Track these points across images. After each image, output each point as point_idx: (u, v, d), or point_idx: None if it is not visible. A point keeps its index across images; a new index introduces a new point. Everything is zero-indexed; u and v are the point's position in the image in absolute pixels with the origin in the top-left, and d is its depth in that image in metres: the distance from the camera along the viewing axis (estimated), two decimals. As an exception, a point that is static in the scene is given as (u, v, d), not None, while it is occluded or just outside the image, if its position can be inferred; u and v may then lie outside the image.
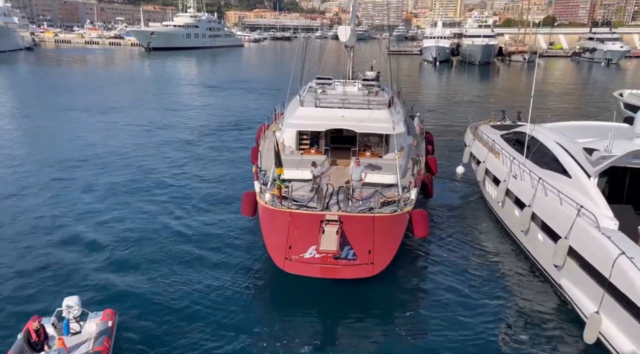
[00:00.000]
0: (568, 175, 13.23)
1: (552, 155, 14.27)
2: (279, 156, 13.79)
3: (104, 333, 9.73)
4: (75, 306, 9.98)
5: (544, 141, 15.05)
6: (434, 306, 12.45)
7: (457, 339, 11.22)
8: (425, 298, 12.94)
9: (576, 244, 11.52)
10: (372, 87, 21.87)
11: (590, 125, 16.11)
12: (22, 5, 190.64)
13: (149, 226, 16.64)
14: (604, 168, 12.05)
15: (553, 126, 16.35)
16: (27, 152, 25.67)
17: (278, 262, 12.80)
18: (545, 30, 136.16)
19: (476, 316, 12.05)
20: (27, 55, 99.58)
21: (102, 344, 9.40)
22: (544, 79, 75.29)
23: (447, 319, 11.88)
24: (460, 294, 12.95)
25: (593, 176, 12.39)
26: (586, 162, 12.66)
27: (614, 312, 10.06)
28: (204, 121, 35.14)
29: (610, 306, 10.13)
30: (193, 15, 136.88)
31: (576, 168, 12.98)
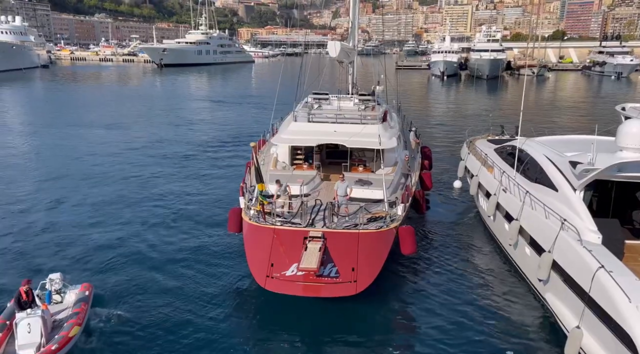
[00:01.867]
0: (555, 188, 13.16)
1: (541, 168, 14.23)
2: (259, 172, 13.88)
3: (81, 300, 11.56)
4: (56, 280, 11.87)
5: (534, 154, 15.02)
6: (417, 324, 12.30)
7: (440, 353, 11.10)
8: (410, 315, 12.75)
9: (559, 258, 11.42)
10: (369, 102, 22.05)
11: (581, 139, 16.03)
12: (41, 24, 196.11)
13: (132, 236, 17.11)
14: (588, 181, 11.98)
15: (544, 140, 16.32)
16: (29, 164, 26.76)
17: (259, 280, 12.40)
18: (555, 44, 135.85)
19: (461, 331, 11.89)
20: (42, 72, 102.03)
21: (80, 308, 11.23)
22: (554, 93, 75.08)
23: (430, 336, 11.70)
24: (445, 310, 12.74)
25: (578, 189, 12.32)
26: (572, 175, 12.61)
27: (594, 327, 9.93)
28: (205, 136, 35.58)
29: (591, 321, 10.00)
30: (204, 32, 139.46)
31: (562, 181, 12.92)
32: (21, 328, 10.00)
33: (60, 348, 9.93)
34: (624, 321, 8.96)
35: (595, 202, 13.24)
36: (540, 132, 19.58)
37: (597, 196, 13.16)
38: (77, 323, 10.67)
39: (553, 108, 53.80)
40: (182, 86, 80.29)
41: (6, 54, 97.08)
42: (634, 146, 11.51)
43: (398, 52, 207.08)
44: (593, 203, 13.28)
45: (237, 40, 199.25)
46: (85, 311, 11.26)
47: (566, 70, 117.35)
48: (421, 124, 40.47)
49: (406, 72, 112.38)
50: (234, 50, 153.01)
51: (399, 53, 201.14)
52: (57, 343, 9.95)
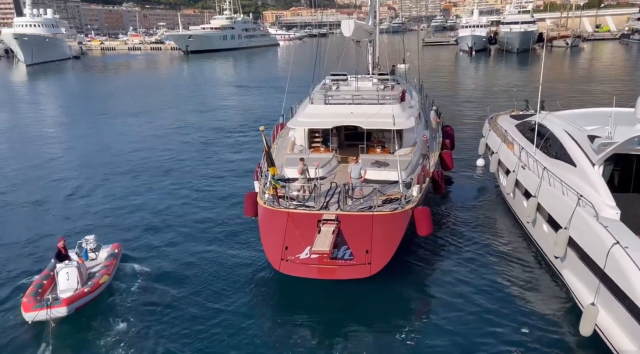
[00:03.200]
0: (574, 164, 12.82)
1: (560, 144, 13.85)
2: (270, 156, 13.86)
3: (111, 256, 13.69)
4: (91, 240, 14.10)
5: (553, 129, 14.62)
6: (433, 304, 12.30)
7: (455, 331, 11.08)
8: (425, 295, 12.71)
9: (575, 235, 11.19)
10: (387, 82, 21.72)
11: (602, 111, 15.40)
12: (72, 16, 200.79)
13: (157, 211, 18.65)
14: (606, 156, 11.61)
15: (565, 114, 15.83)
16: (65, 149, 28.72)
17: (274, 263, 12.58)
18: (591, 12, 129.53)
19: (476, 310, 11.82)
20: (74, 63, 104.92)
21: (110, 262, 13.36)
22: (588, 64, 72.01)
23: (445, 315, 11.67)
24: (461, 290, 12.70)
25: (597, 164, 11.96)
26: (590, 150, 12.24)
27: (609, 304, 9.75)
28: (229, 121, 36.09)
29: (606, 298, 9.82)
30: (229, 17, 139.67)
31: (581, 157, 12.56)
32: (61, 276, 12.21)
33: (92, 291, 12.05)
34: (637, 297, 8.77)
35: (616, 177, 12.83)
36: (567, 107, 18.97)
37: (618, 171, 12.74)
38: (107, 273, 12.86)
39: (587, 81, 51.68)
40: (208, 72, 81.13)
41: (39, 47, 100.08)
42: (654, 118, 11.05)
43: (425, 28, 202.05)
44: (614, 178, 12.87)
45: (262, 24, 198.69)
46: (114, 265, 13.38)
47: (603, 40, 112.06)
48: (447, 102, 39.76)
49: (434, 49, 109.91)
50: (259, 34, 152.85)
51: (427, 29, 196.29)
52: (89, 287, 12.09)
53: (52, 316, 11.13)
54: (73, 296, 11.66)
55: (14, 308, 12.07)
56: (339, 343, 10.80)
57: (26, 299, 11.51)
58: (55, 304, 11.25)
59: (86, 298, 11.84)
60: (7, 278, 13.80)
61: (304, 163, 14.99)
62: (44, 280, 12.43)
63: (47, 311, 11.10)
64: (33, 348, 10.81)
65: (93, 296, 12.07)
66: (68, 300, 11.45)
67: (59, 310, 11.23)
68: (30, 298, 11.54)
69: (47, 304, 11.17)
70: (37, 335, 11.16)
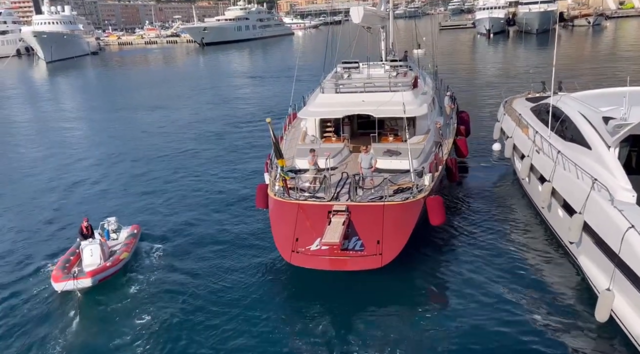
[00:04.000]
0: (589, 147, 12.51)
1: (574, 126, 13.52)
2: (278, 148, 13.77)
3: (131, 236, 14.90)
4: (112, 221, 15.27)
5: (568, 111, 14.26)
6: (446, 292, 12.20)
7: (469, 319, 11.00)
8: (438, 284, 12.57)
9: (590, 219, 10.96)
10: (400, 68, 21.39)
11: (618, 91, 14.91)
12: (89, 12, 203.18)
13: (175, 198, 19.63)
14: (622, 137, 11.29)
15: (580, 95, 15.41)
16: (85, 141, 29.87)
17: (285, 255, 12.58)
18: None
19: (490, 298, 11.68)
20: (92, 59, 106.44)
21: (130, 240, 14.59)
22: (612, 43, 69.77)
23: (459, 304, 11.57)
24: (476, 277, 12.54)
25: (612, 146, 11.64)
26: (605, 132, 11.92)
27: (624, 289, 9.56)
28: (244, 112, 36.28)
29: (621, 283, 9.62)
30: (243, 8, 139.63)
31: (596, 139, 12.25)
32: (85, 252, 13.48)
33: (113, 266, 13.29)
34: (653, 282, 8.58)
35: (634, 158, 12.48)
36: (586, 88, 18.46)
37: (635, 152, 12.39)
38: (127, 250, 14.05)
39: (609, 60, 50.00)
40: (223, 64, 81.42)
41: (58, 44, 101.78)
42: (671, 97, 10.67)
43: (443, 12, 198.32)
44: (632, 160, 12.53)
45: (276, 13, 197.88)
46: (134, 244, 14.59)
47: (627, 17, 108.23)
48: (464, 87, 39.08)
49: (451, 32, 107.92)
50: (273, 24, 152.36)
51: (444, 12, 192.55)
52: (111, 262, 13.36)
53: (79, 287, 12.53)
54: (97, 269, 12.96)
55: (44, 280, 13.48)
56: (350, 333, 10.80)
57: (55, 272, 12.85)
58: (81, 276, 12.62)
59: (108, 271, 13.13)
60: (37, 255, 15.27)
61: (314, 154, 14.87)
62: (71, 256, 13.72)
63: (74, 282, 12.45)
64: (63, 314, 12.09)
65: (114, 270, 13.32)
66: (92, 272, 12.76)
67: (84, 281, 12.61)
68: (58, 270, 12.87)
69: (74, 275, 12.53)
70: (65, 303, 12.49)
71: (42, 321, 11.94)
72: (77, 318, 11.85)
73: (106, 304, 12.41)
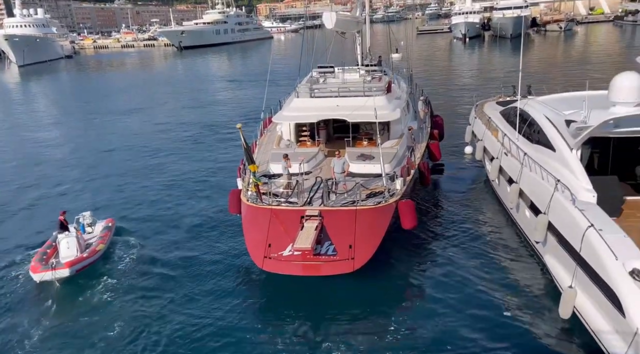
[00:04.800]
0: (553, 149, 12.90)
1: (540, 129, 13.91)
2: (249, 153, 13.69)
3: (106, 229, 15.57)
4: (87, 215, 15.90)
5: (534, 115, 14.65)
6: (416, 295, 12.42)
7: (439, 319, 11.22)
8: (410, 287, 12.75)
9: (554, 219, 11.30)
10: (375, 73, 21.59)
11: (579, 95, 15.42)
12: (64, 15, 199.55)
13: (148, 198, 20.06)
14: (583, 140, 11.68)
15: (545, 99, 15.86)
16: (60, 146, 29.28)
17: (257, 261, 12.49)
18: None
19: (460, 298, 11.92)
20: (67, 63, 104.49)
21: (105, 233, 15.24)
22: (582, 48, 71.73)
23: (430, 306, 11.74)
24: (446, 279, 12.75)
25: (574, 148, 12.03)
26: (567, 134, 12.31)
27: (585, 286, 9.87)
28: (219, 117, 36.11)
29: (583, 281, 9.94)
30: (221, 12, 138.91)
31: (560, 141, 12.63)
32: (62, 245, 14.00)
33: (90, 257, 13.92)
34: (610, 278, 8.90)
35: (595, 160, 12.91)
36: (554, 91, 18.98)
37: (597, 154, 12.82)
38: (102, 242, 14.69)
39: (580, 64, 51.45)
40: (201, 68, 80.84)
41: (31, 47, 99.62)
42: (627, 100, 11.08)
43: (420, 16, 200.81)
44: (594, 161, 12.96)
45: (256, 17, 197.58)
46: (109, 236, 15.23)
47: (597, 23, 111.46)
48: (440, 91, 39.67)
49: (428, 37, 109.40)
50: (252, 28, 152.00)
51: (422, 17, 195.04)
52: (88, 253, 13.98)
53: (57, 277, 13.11)
54: (74, 259, 13.57)
55: (23, 272, 14.01)
56: (323, 338, 10.82)
57: (33, 264, 13.39)
58: (59, 267, 13.20)
59: (85, 262, 13.75)
60: (14, 248, 15.87)
61: (287, 159, 14.78)
62: (47, 249, 14.23)
63: (52, 272, 13.03)
64: (41, 303, 12.64)
65: (91, 261, 13.96)
66: (70, 263, 13.36)
67: (62, 271, 13.19)
68: (36, 262, 13.42)
69: (52, 266, 13.14)
70: (44, 292, 13.05)
71: (20, 310, 12.38)
72: (55, 307, 12.40)
73: (83, 293, 12.99)
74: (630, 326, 8.25)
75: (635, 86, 10.98)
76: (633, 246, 9.24)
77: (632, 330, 8.15)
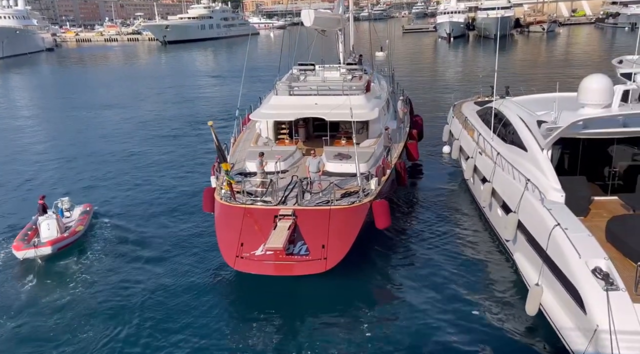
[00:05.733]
0: (525, 149, 13.10)
1: (513, 129, 14.12)
2: (222, 151, 13.55)
3: (84, 213, 16.38)
4: (65, 201, 16.57)
5: (508, 115, 14.86)
6: (388, 294, 12.46)
7: (410, 317, 11.34)
8: (382, 286, 12.79)
9: (523, 218, 11.51)
10: (355, 71, 21.59)
11: (550, 97, 15.67)
12: (45, 7, 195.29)
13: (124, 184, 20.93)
14: (553, 140, 11.89)
15: (520, 100, 16.10)
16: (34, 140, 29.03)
17: (229, 260, 12.37)
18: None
19: (431, 297, 12.05)
20: (48, 56, 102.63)
21: (84, 217, 16.11)
22: (564, 49, 72.83)
23: (400, 305, 11.85)
24: (417, 278, 12.85)
25: (545, 148, 12.25)
26: (539, 135, 12.53)
27: (551, 284, 10.08)
28: (202, 112, 35.91)
29: (548, 278, 10.15)
30: (207, 6, 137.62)
31: (532, 141, 12.83)
32: (43, 226, 14.68)
33: (70, 236, 14.85)
34: (573, 276, 9.10)
35: (566, 160, 13.16)
36: (531, 92, 19.25)
37: (568, 154, 13.07)
38: (81, 224, 15.60)
39: (561, 66, 52.25)
40: (185, 63, 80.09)
41: (10, 39, 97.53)
42: (594, 102, 11.32)
43: (407, 15, 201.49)
44: (564, 161, 13.21)
45: (242, 13, 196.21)
46: (87, 219, 16.09)
47: (579, 24, 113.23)
48: (423, 90, 39.91)
49: (414, 36, 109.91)
50: (238, 23, 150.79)
51: (408, 16, 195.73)
52: (68, 233, 14.91)
53: (39, 254, 13.98)
54: (56, 238, 14.44)
55: (5, 251, 14.87)
56: (295, 338, 10.84)
57: (16, 243, 14.18)
58: (41, 245, 14.05)
59: (66, 241, 14.67)
60: None
61: (262, 158, 14.60)
62: (28, 231, 14.90)
63: (35, 250, 13.90)
64: (24, 279, 13.53)
65: (71, 240, 14.87)
66: (52, 242, 14.23)
67: (44, 249, 14.03)
68: (19, 241, 14.23)
69: (34, 245, 14.00)
70: (27, 269, 13.96)
71: (2, 286, 13.22)
72: (35, 281, 13.36)
73: (63, 271, 13.94)
74: (590, 323, 8.45)
75: (602, 88, 11.21)
76: (597, 245, 9.47)
77: (592, 327, 8.35)
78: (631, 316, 8.16)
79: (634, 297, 8.42)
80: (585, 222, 10.51)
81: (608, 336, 7.98)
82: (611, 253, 9.54)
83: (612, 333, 7.98)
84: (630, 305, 8.27)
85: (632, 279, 8.69)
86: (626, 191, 12.21)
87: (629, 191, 12.10)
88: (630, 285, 8.64)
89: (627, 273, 8.93)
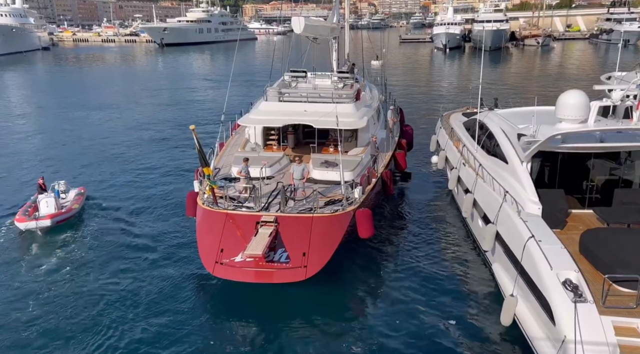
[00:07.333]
0: (506, 161, 13.31)
1: (496, 141, 14.33)
2: (203, 155, 13.41)
3: (79, 194, 18.01)
4: (61, 183, 18.16)
5: (492, 127, 15.09)
6: (367, 303, 12.45)
7: (389, 326, 11.39)
8: (361, 296, 12.72)
9: (501, 229, 11.68)
10: (346, 80, 21.77)
11: (529, 110, 15.88)
12: (43, 6, 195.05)
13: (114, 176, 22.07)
14: (532, 154, 12.10)
15: (504, 112, 16.37)
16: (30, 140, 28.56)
17: (208, 266, 12.22)
18: (562, 12, 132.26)
19: (410, 306, 12.13)
20: (44, 55, 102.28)
21: (79, 197, 17.75)
22: (557, 63, 73.70)
23: (378, 314, 11.89)
24: (397, 288, 12.91)
25: (525, 161, 12.46)
26: (519, 147, 12.74)
27: (525, 295, 10.24)
28: (196, 115, 35.96)
29: (522, 289, 10.31)
30: (205, 10, 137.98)
31: (512, 154, 13.04)
32: (42, 204, 16.24)
33: (67, 212, 16.58)
34: (544, 287, 9.26)
35: (546, 173, 13.38)
36: (519, 105, 19.55)
37: (547, 167, 13.28)
38: (77, 203, 17.31)
39: (553, 79, 52.93)
40: (182, 66, 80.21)
41: (6, 37, 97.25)
42: (571, 117, 11.54)
43: (405, 25, 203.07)
44: (544, 174, 13.42)
45: (241, 18, 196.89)
46: (82, 199, 17.74)
47: (573, 39, 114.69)
48: (416, 100, 40.22)
49: (411, 45, 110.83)
50: (236, 28, 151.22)
51: (406, 26, 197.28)
52: (65, 210, 16.56)
53: (39, 226, 15.65)
54: (55, 213, 16.11)
55: (7, 225, 16.53)
56: (274, 346, 10.81)
57: (18, 216, 15.88)
58: (42, 218, 15.75)
59: (63, 216, 16.35)
60: None
61: (247, 164, 14.57)
62: (29, 208, 16.38)
63: (36, 222, 15.62)
64: (26, 248, 15.23)
65: (68, 216, 16.55)
66: (51, 215, 15.93)
67: (44, 222, 15.72)
68: (21, 215, 15.86)
69: (35, 217, 15.69)
70: (28, 240, 15.66)
71: (5, 255, 14.71)
72: (35, 250, 15.04)
73: (61, 242, 15.54)
74: (559, 334, 8.60)
75: (579, 104, 11.44)
76: (568, 258, 9.65)
77: (561, 337, 8.50)
78: (598, 327, 8.31)
79: (602, 309, 8.58)
80: (560, 235, 10.70)
81: (574, 347, 8.13)
82: (583, 266, 9.73)
83: (579, 343, 8.13)
84: (597, 317, 8.43)
85: (601, 291, 8.85)
86: (603, 204, 12.43)
87: (606, 205, 12.32)
88: (599, 297, 8.81)
89: (598, 286, 9.09)
